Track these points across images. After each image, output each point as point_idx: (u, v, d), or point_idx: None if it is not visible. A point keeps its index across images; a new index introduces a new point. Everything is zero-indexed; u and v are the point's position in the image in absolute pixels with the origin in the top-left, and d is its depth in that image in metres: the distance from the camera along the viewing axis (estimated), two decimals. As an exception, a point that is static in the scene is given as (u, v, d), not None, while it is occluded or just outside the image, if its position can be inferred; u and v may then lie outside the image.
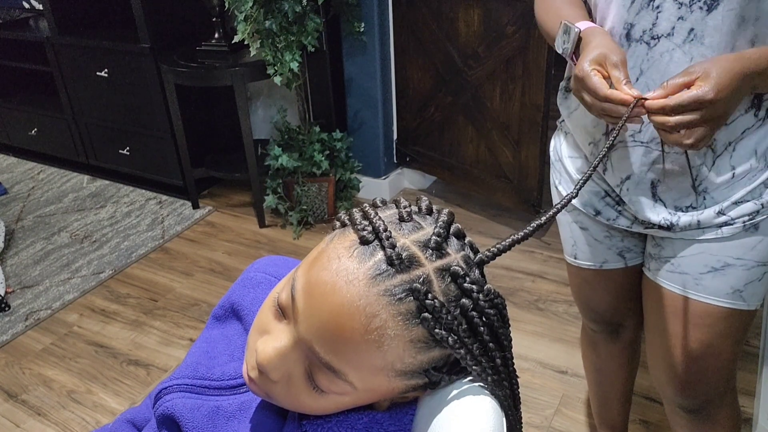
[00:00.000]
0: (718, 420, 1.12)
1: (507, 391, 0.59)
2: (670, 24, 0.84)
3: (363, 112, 2.73)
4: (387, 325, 0.50)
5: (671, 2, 0.83)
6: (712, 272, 0.98)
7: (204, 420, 0.64)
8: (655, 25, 0.85)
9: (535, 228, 0.58)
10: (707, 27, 0.82)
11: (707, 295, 0.99)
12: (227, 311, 0.75)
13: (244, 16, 2.20)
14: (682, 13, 0.83)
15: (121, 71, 2.79)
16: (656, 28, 0.85)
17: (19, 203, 3.06)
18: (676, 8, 0.83)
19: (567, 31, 0.90)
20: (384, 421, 0.59)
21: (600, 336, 1.34)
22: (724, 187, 0.93)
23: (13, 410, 1.86)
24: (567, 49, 0.90)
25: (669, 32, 0.85)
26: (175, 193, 3.01)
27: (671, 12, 0.84)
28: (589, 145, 1.04)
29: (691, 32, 0.83)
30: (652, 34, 0.86)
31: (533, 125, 2.29)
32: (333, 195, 2.66)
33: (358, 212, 0.56)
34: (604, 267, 1.16)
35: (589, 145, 1.04)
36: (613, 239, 1.12)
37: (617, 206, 1.05)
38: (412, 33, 2.53)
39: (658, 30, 0.85)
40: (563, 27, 0.91)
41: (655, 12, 0.85)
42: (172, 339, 2.12)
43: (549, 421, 1.71)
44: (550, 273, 2.30)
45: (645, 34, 0.87)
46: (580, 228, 1.14)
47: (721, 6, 0.80)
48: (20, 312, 2.26)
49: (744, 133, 0.89)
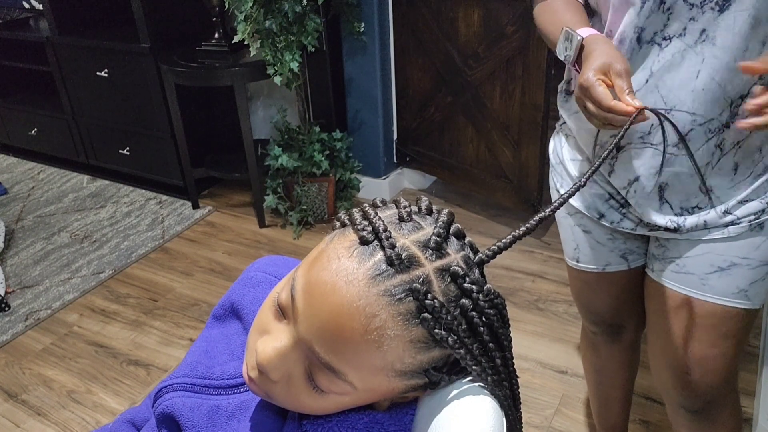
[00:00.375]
0: (720, 420, 1.12)
1: (507, 391, 0.59)
2: (682, 25, 0.84)
3: (363, 112, 2.73)
4: (387, 325, 0.50)
5: (682, 3, 0.83)
6: (718, 272, 0.98)
7: (204, 419, 0.64)
8: (667, 26, 0.86)
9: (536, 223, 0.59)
10: (719, 28, 0.82)
11: (713, 295, 0.99)
12: (227, 311, 0.75)
13: (244, 16, 2.20)
14: (693, 14, 0.83)
15: (121, 71, 2.79)
16: (667, 29, 0.86)
17: (19, 203, 3.06)
18: (688, 9, 0.83)
19: (569, 38, 0.90)
20: (384, 421, 0.59)
21: (600, 338, 1.34)
22: (729, 186, 0.93)
23: (13, 410, 1.86)
24: (569, 56, 0.90)
25: (681, 33, 0.85)
26: (175, 193, 3.01)
27: (682, 13, 0.84)
28: (594, 147, 1.03)
29: (703, 33, 0.83)
30: (663, 35, 0.86)
31: (533, 125, 2.29)
32: (333, 195, 2.66)
33: (357, 212, 0.56)
34: (606, 270, 1.16)
35: (594, 148, 1.03)
36: (616, 242, 1.12)
37: (621, 209, 1.05)
38: (412, 33, 2.53)
39: (670, 31, 0.86)
40: (565, 33, 0.91)
41: (666, 14, 0.85)
42: (172, 339, 2.12)
43: (549, 421, 1.71)
44: (550, 273, 2.30)
45: (656, 35, 0.87)
46: (582, 231, 1.14)
47: (733, 6, 0.80)
48: (20, 312, 2.26)
49: (750, 132, 0.89)
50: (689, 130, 0.89)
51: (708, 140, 0.90)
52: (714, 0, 0.81)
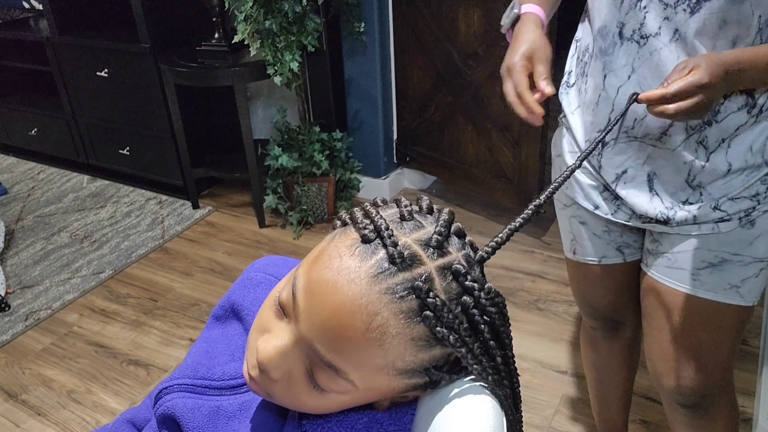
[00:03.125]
0: (716, 415, 1.12)
1: (507, 390, 0.59)
2: (657, 24, 0.87)
3: (363, 112, 2.73)
4: (388, 323, 0.50)
5: (657, 3, 0.86)
6: (709, 268, 0.99)
7: (204, 420, 0.64)
8: (643, 25, 0.89)
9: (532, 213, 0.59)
10: (689, 29, 0.84)
11: (705, 290, 1.00)
12: (227, 311, 0.75)
13: (244, 16, 2.20)
14: (667, 14, 0.86)
15: (121, 71, 2.79)
16: (644, 27, 0.89)
17: (19, 203, 3.06)
18: (662, 9, 0.86)
19: (512, 7, 1.00)
20: (384, 421, 0.59)
21: (600, 333, 1.35)
22: (721, 183, 0.94)
23: (13, 410, 1.86)
24: (505, 24, 1.01)
25: (656, 32, 0.88)
26: (175, 193, 3.01)
27: (657, 12, 0.87)
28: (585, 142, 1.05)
29: (676, 32, 0.86)
30: (641, 33, 0.89)
31: (533, 125, 2.29)
32: (333, 195, 2.66)
33: (359, 211, 0.56)
34: (602, 262, 1.17)
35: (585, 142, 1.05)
36: (612, 234, 1.13)
37: (615, 200, 1.06)
38: (412, 33, 2.53)
39: (646, 30, 0.89)
40: (512, 4, 1.01)
41: (643, 12, 0.88)
42: (172, 339, 2.12)
43: (549, 421, 1.71)
44: (550, 273, 2.30)
45: (635, 33, 0.90)
46: (579, 222, 1.15)
47: (703, 9, 0.82)
48: (20, 312, 2.26)
49: (738, 130, 0.90)
50: (669, 125, 0.91)
51: (689, 136, 0.92)
52: (686, 2, 0.83)
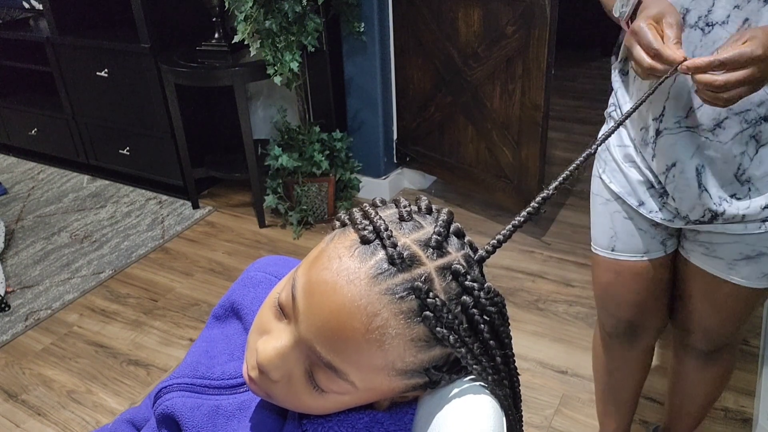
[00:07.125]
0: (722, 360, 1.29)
1: (507, 390, 0.59)
2: (726, 12, 0.85)
3: (363, 112, 2.73)
4: (388, 324, 0.50)
5: None
6: (745, 260, 1.03)
7: (204, 419, 0.64)
8: (711, 12, 0.86)
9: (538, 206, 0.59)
10: (762, 18, 0.82)
11: (739, 278, 1.07)
12: (227, 311, 0.75)
13: (244, 16, 2.20)
14: (738, 2, 0.84)
15: (121, 71, 2.79)
16: (711, 15, 0.86)
17: (19, 203, 3.06)
18: None
19: None
20: (384, 421, 0.59)
21: (617, 341, 1.32)
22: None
23: (13, 410, 1.86)
24: (624, 12, 0.91)
25: (724, 20, 0.85)
26: (175, 193, 3.01)
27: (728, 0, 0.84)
28: (640, 130, 1.04)
29: (746, 22, 0.84)
30: (707, 21, 0.87)
31: (533, 125, 2.29)
32: (333, 195, 2.66)
33: (358, 212, 0.56)
34: (645, 258, 1.15)
35: (640, 131, 1.04)
36: (658, 227, 1.12)
37: (661, 198, 1.06)
38: (412, 33, 2.53)
39: (713, 17, 0.86)
40: None
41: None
42: (172, 339, 2.12)
43: (549, 421, 1.71)
44: (550, 273, 2.30)
45: (700, 20, 0.88)
46: (624, 218, 1.13)
47: None
48: (20, 312, 2.26)
49: None
50: (724, 117, 0.90)
51: (743, 130, 0.90)
52: None
